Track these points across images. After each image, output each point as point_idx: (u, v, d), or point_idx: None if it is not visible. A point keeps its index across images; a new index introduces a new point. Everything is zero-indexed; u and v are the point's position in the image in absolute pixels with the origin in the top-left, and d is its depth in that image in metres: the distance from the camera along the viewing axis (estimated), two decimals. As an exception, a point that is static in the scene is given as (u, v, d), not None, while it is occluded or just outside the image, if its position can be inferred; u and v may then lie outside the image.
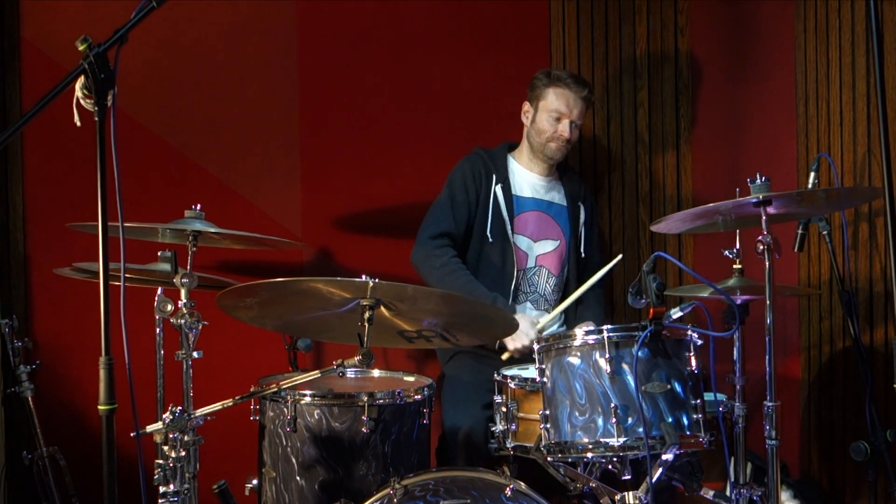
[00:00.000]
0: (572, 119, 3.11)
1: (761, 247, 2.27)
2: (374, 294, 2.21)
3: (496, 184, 3.13)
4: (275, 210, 3.45)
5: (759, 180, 2.31)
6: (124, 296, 1.87)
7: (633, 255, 3.62)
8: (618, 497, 2.27)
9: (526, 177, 3.21)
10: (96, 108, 1.82)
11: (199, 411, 2.22)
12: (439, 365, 3.24)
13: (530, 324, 2.90)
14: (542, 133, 3.12)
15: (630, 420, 2.16)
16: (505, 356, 2.91)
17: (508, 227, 3.09)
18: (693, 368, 2.24)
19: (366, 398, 2.45)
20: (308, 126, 3.48)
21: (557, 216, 3.21)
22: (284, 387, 2.35)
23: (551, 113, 3.10)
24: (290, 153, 3.47)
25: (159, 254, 2.46)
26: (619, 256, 3.05)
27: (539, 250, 3.17)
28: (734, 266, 2.69)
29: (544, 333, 3.10)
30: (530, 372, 2.65)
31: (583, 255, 3.25)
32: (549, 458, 2.36)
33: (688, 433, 2.19)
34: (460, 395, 2.95)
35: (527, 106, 3.19)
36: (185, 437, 2.19)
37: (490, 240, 3.10)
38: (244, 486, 2.57)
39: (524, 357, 2.88)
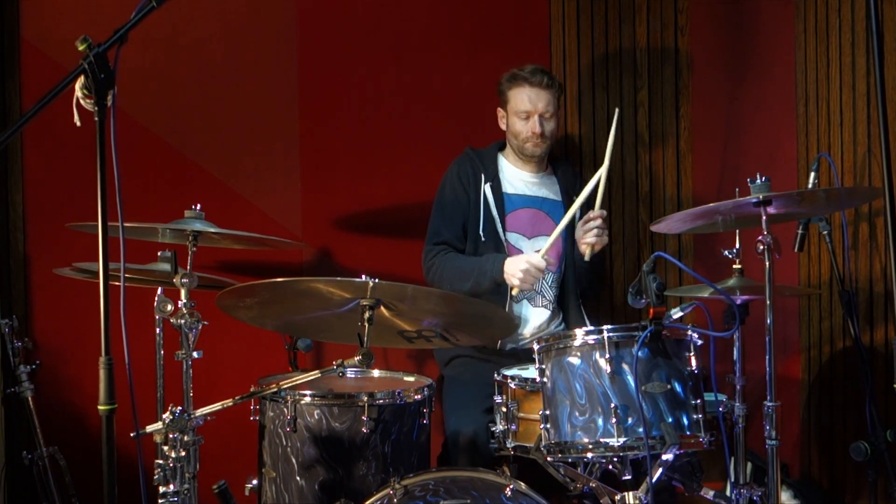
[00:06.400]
0: (540, 113, 3.09)
1: (761, 247, 2.27)
2: (374, 294, 2.21)
3: (485, 182, 3.13)
4: (275, 210, 3.45)
5: (759, 180, 2.31)
6: (124, 296, 1.87)
7: (633, 255, 3.62)
8: (618, 497, 2.27)
9: (517, 174, 3.20)
10: (96, 108, 1.82)
11: (199, 411, 2.22)
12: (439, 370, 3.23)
13: (525, 256, 2.93)
14: (517, 135, 3.11)
15: (630, 420, 2.16)
16: (514, 292, 2.93)
17: (499, 226, 3.09)
18: (693, 368, 2.23)
19: (366, 398, 2.45)
20: (308, 126, 3.48)
21: (552, 212, 3.20)
22: (284, 387, 2.35)
23: (519, 114, 3.09)
24: (290, 153, 3.47)
25: (159, 254, 2.47)
26: (605, 166, 2.91)
27: (535, 247, 3.15)
28: (734, 266, 2.69)
29: (544, 334, 3.11)
30: (530, 372, 2.65)
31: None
32: (549, 458, 2.36)
33: (688, 433, 2.19)
34: (461, 400, 2.94)
35: (500, 112, 3.18)
36: (185, 437, 2.19)
37: (483, 239, 3.10)
38: (244, 486, 2.57)
39: (526, 356, 2.88)
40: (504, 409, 2.58)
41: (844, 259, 3.03)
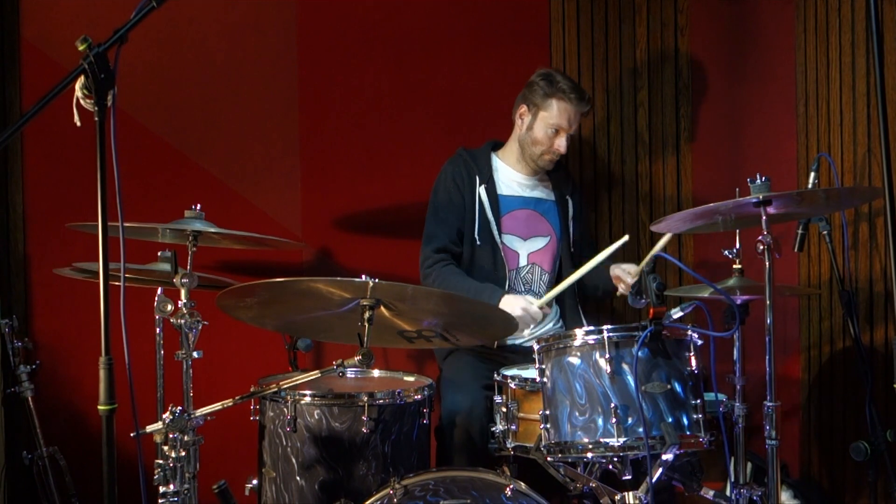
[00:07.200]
0: (570, 133, 3.09)
1: (761, 247, 2.27)
2: (374, 294, 2.21)
3: (480, 185, 3.12)
4: (275, 210, 3.45)
5: (759, 180, 2.31)
6: (124, 296, 1.87)
7: (634, 256, 3.61)
8: (618, 497, 2.27)
9: (511, 175, 3.19)
10: (96, 108, 1.82)
11: (199, 411, 2.22)
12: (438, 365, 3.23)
13: (523, 300, 2.87)
14: (537, 143, 3.09)
15: (630, 420, 2.16)
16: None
17: (495, 229, 3.08)
18: (693, 368, 2.24)
19: (366, 398, 2.45)
20: (308, 126, 3.48)
21: (546, 212, 3.20)
22: (284, 387, 2.35)
23: (550, 126, 3.06)
24: (290, 153, 3.47)
25: (159, 254, 2.47)
26: (626, 237, 2.91)
27: (530, 248, 3.16)
28: (734, 266, 2.69)
29: (543, 333, 3.11)
30: (530, 372, 2.65)
31: (572, 249, 3.24)
32: (549, 458, 2.36)
33: (688, 433, 2.19)
34: (459, 377, 2.93)
35: (523, 108, 3.12)
36: (185, 437, 2.19)
37: (479, 242, 3.09)
38: (244, 486, 2.57)
39: (525, 354, 2.88)
40: (504, 409, 2.58)
41: (844, 259, 3.03)
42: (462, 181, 3.13)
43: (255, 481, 2.58)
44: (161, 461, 2.19)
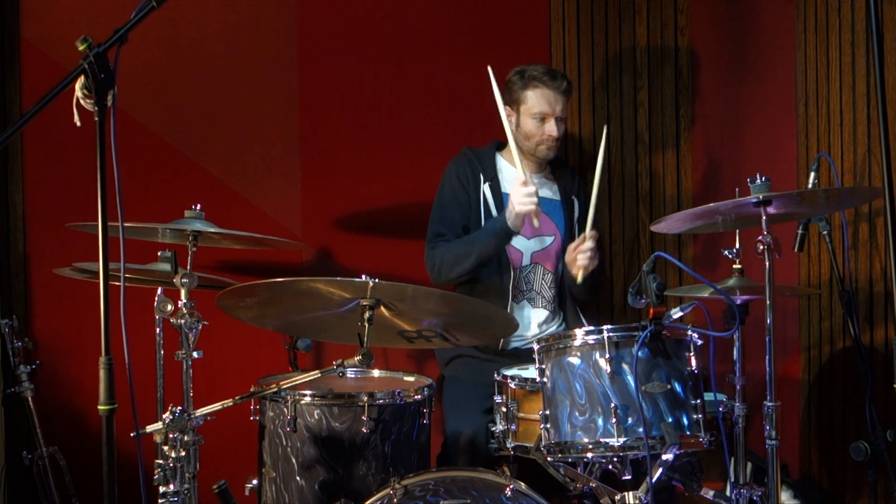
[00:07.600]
0: (557, 116, 3.08)
1: (761, 247, 2.28)
2: (374, 294, 2.21)
3: (484, 183, 3.12)
4: (275, 210, 3.45)
5: (759, 180, 2.31)
6: (124, 296, 1.87)
7: (634, 255, 3.62)
8: (618, 497, 2.27)
9: (516, 175, 3.19)
10: (96, 108, 1.82)
11: (199, 411, 2.22)
12: (439, 366, 3.23)
13: (513, 196, 2.90)
14: (530, 137, 3.09)
15: (630, 420, 2.16)
16: (536, 223, 2.92)
17: None
18: (693, 368, 2.24)
19: (366, 398, 2.45)
20: (308, 126, 3.48)
21: (551, 212, 3.20)
22: (284, 387, 2.35)
23: (535, 115, 3.06)
24: (290, 153, 3.47)
25: (159, 254, 2.47)
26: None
27: (534, 248, 3.15)
28: (734, 266, 2.69)
29: (545, 334, 3.11)
30: (530, 372, 2.65)
31: None
32: (549, 458, 2.36)
33: (688, 433, 2.19)
34: (461, 400, 2.95)
35: (508, 110, 3.11)
36: (185, 437, 2.19)
37: None
38: (244, 486, 2.57)
39: (527, 356, 2.88)
40: (504, 409, 2.59)
41: (844, 259, 3.03)
42: (467, 179, 3.13)
43: (255, 481, 2.58)
44: (161, 461, 2.20)
